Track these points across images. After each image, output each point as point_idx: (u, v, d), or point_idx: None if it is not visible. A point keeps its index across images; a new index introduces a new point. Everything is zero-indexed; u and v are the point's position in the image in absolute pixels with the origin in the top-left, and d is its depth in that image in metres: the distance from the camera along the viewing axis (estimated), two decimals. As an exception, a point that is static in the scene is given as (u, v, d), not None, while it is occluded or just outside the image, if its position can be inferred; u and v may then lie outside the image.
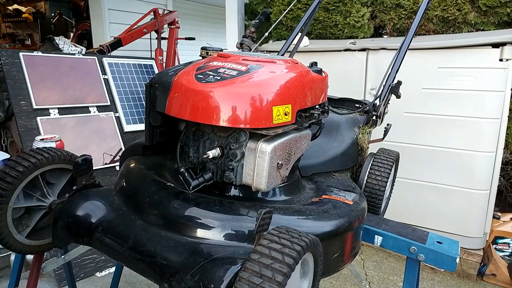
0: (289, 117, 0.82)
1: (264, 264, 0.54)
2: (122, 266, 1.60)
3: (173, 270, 0.70)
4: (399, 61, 1.40)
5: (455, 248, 1.02)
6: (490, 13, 2.62)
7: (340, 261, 0.89)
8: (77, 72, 2.51)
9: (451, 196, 2.49)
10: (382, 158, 1.20)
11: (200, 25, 7.04)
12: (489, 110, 2.31)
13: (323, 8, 3.11)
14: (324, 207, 0.89)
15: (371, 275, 2.45)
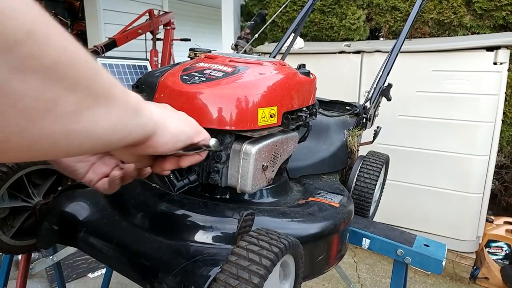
0: (275, 119, 0.82)
1: (241, 266, 0.54)
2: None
3: (155, 271, 0.70)
4: (390, 64, 1.40)
5: (441, 251, 1.02)
6: (486, 16, 2.63)
7: (325, 263, 0.89)
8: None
9: (444, 200, 2.50)
10: (371, 161, 1.21)
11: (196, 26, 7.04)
12: (483, 114, 2.32)
13: (319, 10, 3.11)
14: (309, 209, 0.89)
15: (363, 278, 2.46)
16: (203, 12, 7.33)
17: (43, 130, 0.31)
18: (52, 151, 0.34)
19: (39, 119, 0.30)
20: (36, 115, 0.29)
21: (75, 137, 0.34)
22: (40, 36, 0.28)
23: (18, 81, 0.27)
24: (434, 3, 2.75)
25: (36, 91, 0.28)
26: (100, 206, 0.86)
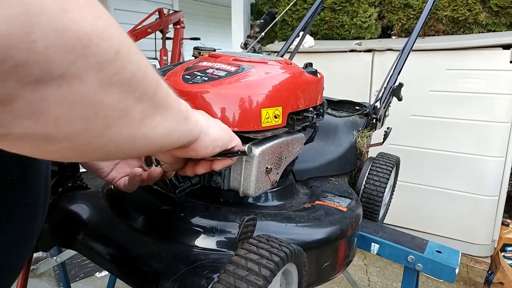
0: (280, 120, 0.79)
1: (239, 276, 0.51)
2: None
3: (154, 276, 0.68)
4: (401, 63, 1.36)
5: (455, 258, 0.98)
6: (502, 13, 2.56)
7: (331, 270, 0.86)
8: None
9: (458, 202, 2.44)
10: (381, 163, 1.17)
11: (207, 25, 7.04)
12: (499, 114, 2.25)
13: (330, 9, 3.07)
14: (315, 214, 0.86)
15: (374, 281, 2.41)
16: (213, 11, 7.31)
17: (114, 135, 0.35)
18: (116, 153, 0.39)
19: (112, 126, 0.34)
20: (111, 122, 0.34)
21: (137, 141, 0.39)
22: (124, 55, 0.32)
23: (103, 94, 0.31)
24: (449, 0, 2.69)
25: (114, 102, 0.33)
26: (100, 208, 0.84)
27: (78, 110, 0.30)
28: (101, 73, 0.30)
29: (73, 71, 0.28)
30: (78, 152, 0.34)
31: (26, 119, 0.28)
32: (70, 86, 0.28)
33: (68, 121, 0.30)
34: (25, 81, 0.26)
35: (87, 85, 0.29)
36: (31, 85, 0.26)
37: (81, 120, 0.31)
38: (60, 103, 0.28)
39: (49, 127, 0.29)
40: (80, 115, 0.30)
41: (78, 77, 0.28)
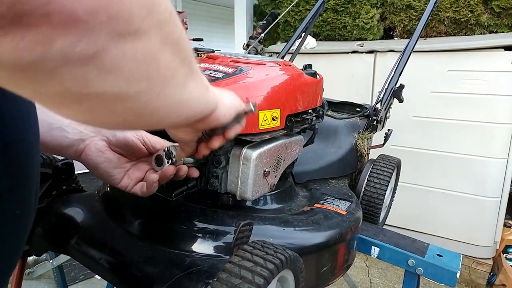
0: (278, 122, 0.78)
1: (232, 284, 0.50)
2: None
3: (148, 282, 0.66)
4: (402, 64, 1.35)
5: (456, 262, 0.97)
6: (504, 15, 2.55)
7: (330, 274, 0.84)
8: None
9: (460, 203, 2.42)
10: (381, 165, 1.15)
11: (210, 26, 7.03)
12: (500, 115, 2.23)
13: (332, 10, 3.06)
14: (314, 217, 0.84)
15: (376, 283, 2.40)
16: (216, 12, 7.31)
17: (166, 97, 0.37)
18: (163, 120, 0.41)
19: (166, 86, 0.36)
20: (165, 82, 0.36)
21: (180, 106, 0.41)
22: (173, 18, 0.34)
23: (161, 52, 0.33)
24: (451, 1, 2.67)
25: (167, 61, 0.34)
26: (95, 211, 0.83)
27: (145, 66, 0.32)
28: (161, 31, 0.32)
29: (144, 26, 0.30)
30: (136, 115, 0.36)
31: (108, 75, 0.29)
32: (140, 42, 0.30)
33: (137, 78, 0.32)
34: (113, 34, 0.27)
35: (151, 42, 0.31)
36: (116, 39, 0.27)
37: (146, 77, 0.33)
38: (134, 59, 0.30)
39: (124, 84, 0.31)
40: (146, 72, 0.32)
41: (146, 33, 0.30)
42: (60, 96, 0.29)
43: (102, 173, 0.70)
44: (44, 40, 0.23)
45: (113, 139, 0.70)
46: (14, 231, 0.49)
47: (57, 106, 0.31)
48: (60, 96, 0.29)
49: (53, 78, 0.26)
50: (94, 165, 0.69)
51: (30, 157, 0.48)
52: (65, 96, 0.29)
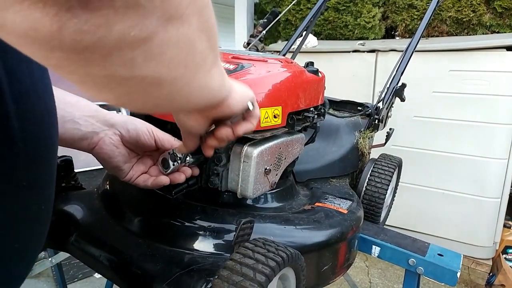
0: (279, 120, 0.78)
1: (233, 281, 0.50)
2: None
3: (148, 279, 0.66)
4: (404, 63, 1.34)
5: (456, 261, 0.96)
6: (506, 15, 2.54)
7: (331, 273, 0.84)
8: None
9: (460, 204, 2.42)
10: (383, 164, 1.15)
11: (210, 24, 7.00)
12: (502, 115, 2.23)
13: (333, 9, 3.05)
14: (315, 216, 0.84)
15: (375, 283, 2.39)
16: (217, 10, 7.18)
17: (196, 82, 0.38)
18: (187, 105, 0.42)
19: (197, 72, 0.37)
20: (197, 68, 0.36)
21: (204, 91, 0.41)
22: (210, 4, 0.35)
23: (198, 39, 0.34)
24: (453, 1, 2.66)
25: (201, 48, 0.35)
26: (94, 209, 0.82)
27: (183, 53, 0.32)
28: (200, 18, 0.33)
29: (187, 12, 0.30)
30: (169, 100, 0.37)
31: (153, 60, 0.30)
32: (183, 27, 0.30)
33: (176, 64, 0.32)
34: (163, 18, 0.28)
35: (191, 29, 0.32)
36: (165, 24, 0.28)
37: (183, 63, 0.33)
38: (176, 45, 0.31)
39: (164, 70, 0.32)
40: (183, 58, 0.33)
41: (188, 20, 0.31)
42: (105, 79, 0.29)
43: (114, 167, 0.70)
44: (105, 23, 0.24)
45: (126, 135, 0.70)
46: (39, 224, 0.50)
47: (99, 90, 0.31)
48: (105, 79, 0.29)
49: (105, 61, 0.27)
50: (108, 158, 0.69)
51: (52, 152, 0.49)
52: (109, 79, 0.29)
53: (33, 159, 0.44)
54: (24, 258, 0.49)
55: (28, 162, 0.43)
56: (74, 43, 0.24)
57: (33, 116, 0.43)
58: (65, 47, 0.24)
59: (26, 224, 0.47)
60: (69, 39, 0.24)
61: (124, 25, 0.25)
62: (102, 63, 0.27)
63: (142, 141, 0.71)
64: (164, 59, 0.31)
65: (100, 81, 0.30)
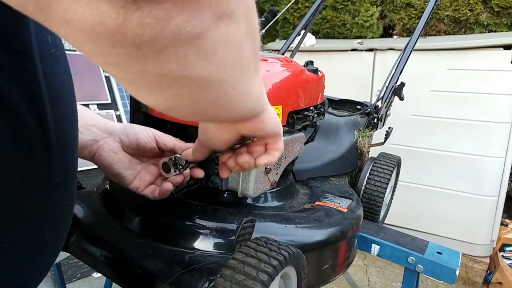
0: (279, 119, 0.78)
1: (236, 280, 0.50)
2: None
3: (149, 279, 0.66)
4: (403, 62, 1.35)
5: (455, 259, 0.97)
6: (503, 14, 2.55)
7: (331, 271, 0.84)
8: (78, 69, 2.48)
9: (458, 202, 2.43)
10: (382, 163, 1.15)
11: (208, 23, 6.99)
12: (499, 114, 2.24)
13: (331, 7, 3.05)
14: (315, 215, 0.84)
15: (374, 281, 2.40)
16: (215, 9, 7.28)
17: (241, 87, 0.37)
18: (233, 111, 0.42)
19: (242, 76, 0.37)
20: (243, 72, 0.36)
21: (248, 98, 0.41)
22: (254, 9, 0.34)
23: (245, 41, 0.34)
24: (450, 0, 2.67)
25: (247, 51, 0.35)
26: (95, 208, 0.82)
27: (231, 53, 0.33)
28: (247, 20, 0.33)
29: (237, 12, 0.30)
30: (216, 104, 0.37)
31: (204, 59, 0.30)
32: (232, 27, 0.31)
33: (224, 64, 0.32)
34: (216, 15, 0.28)
35: (240, 29, 0.32)
36: (216, 21, 0.28)
37: (231, 64, 0.33)
38: (225, 44, 0.31)
39: (213, 70, 0.32)
40: (232, 59, 0.33)
41: (237, 19, 0.31)
42: (158, 78, 0.30)
43: (115, 174, 0.71)
44: (165, 17, 0.25)
45: (126, 140, 0.70)
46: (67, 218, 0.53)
47: (150, 91, 0.32)
48: (157, 79, 0.30)
49: (160, 57, 0.28)
50: (108, 165, 0.70)
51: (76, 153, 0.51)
52: (162, 78, 0.30)
53: (64, 158, 0.46)
54: (54, 249, 0.52)
55: (60, 160, 0.45)
56: (136, 36, 0.25)
57: (64, 119, 0.45)
58: (126, 41, 0.25)
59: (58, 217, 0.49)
60: (131, 33, 0.24)
61: (181, 19, 0.26)
62: (157, 59, 0.28)
63: (142, 144, 0.71)
64: (214, 58, 0.31)
65: (153, 81, 0.30)
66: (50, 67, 0.41)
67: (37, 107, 0.40)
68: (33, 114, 0.39)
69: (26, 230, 0.44)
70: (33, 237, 0.46)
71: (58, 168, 0.45)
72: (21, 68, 0.38)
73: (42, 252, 0.49)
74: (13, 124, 0.38)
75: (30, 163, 0.41)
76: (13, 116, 0.37)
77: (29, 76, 0.39)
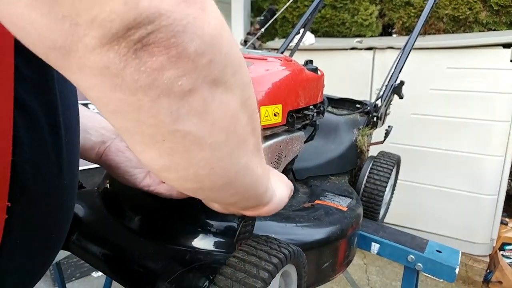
0: (279, 118, 0.78)
1: (237, 278, 0.50)
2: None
3: (150, 277, 0.66)
4: (402, 61, 1.35)
5: (455, 258, 0.97)
6: (502, 12, 2.55)
7: (331, 270, 0.84)
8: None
9: (457, 201, 2.43)
10: (382, 162, 1.15)
11: (207, 22, 6.99)
12: (498, 113, 2.24)
13: (330, 6, 3.05)
14: (315, 214, 0.84)
15: (373, 280, 2.41)
16: (214, 8, 7.28)
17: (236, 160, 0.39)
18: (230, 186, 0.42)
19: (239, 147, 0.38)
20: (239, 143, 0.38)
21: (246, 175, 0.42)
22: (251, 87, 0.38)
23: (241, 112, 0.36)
24: (449, -2, 2.67)
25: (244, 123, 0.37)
26: (95, 208, 0.83)
27: (227, 120, 0.35)
28: (243, 93, 0.35)
29: (231, 81, 0.33)
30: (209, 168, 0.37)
31: (196, 117, 0.32)
32: (227, 95, 0.33)
33: (218, 128, 0.34)
34: (208, 78, 0.31)
35: (235, 99, 0.35)
36: (209, 84, 0.31)
37: (226, 131, 0.35)
38: (218, 108, 0.33)
39: (205, 130, 0.33)
40: (226, 125, 0.35)
41: (232, 89, 0.34)
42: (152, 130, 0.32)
43: (123, 173, 0.71)
44: (159, 68, 0.28)
45: None
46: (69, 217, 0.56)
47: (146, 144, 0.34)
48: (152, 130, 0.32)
49: (154, 107, 0.30)
50: (115, 164, 0.71)
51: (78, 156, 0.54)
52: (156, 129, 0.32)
53: (71, 161, 0.48)
54: (56, 247, 0.56)
55: (69, 164, 0.48)
56: (132, 81, 0.28)
57: (72, 126, 0.48)
58: (125, 85, 0.28)
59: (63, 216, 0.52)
60: (129, 77, 0.28)
61: (173, 73, 0.28)
62: (151, 109, 0.30)
63: None
64: (207, 119, 0.33)
65: (148, 132, 0.32)
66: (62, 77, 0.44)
67: (52, 115, 0.43)
68: (49, 122, 0.42)
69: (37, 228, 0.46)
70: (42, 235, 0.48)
71: (66, 171, 0.48)
72: (40, 79, 0.40)
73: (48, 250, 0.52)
74: (32, 132, 0.40)
75: (45, 166, 0.43)
76: (33, 124, 0.40)
77: (47, 86, 0.41)
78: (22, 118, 0.39)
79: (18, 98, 0.38)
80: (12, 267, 0.45)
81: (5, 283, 0.45)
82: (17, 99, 0.37)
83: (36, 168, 0.42)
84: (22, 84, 0.38)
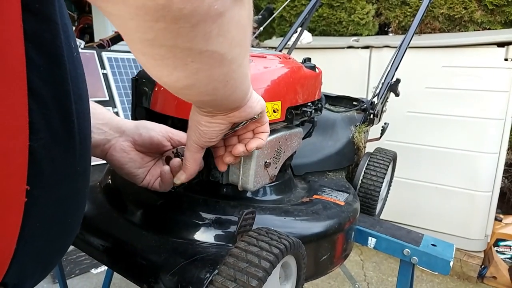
0: (278, 115, 0.80)
1: (239, 268, 0.52)
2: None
3: (153, 270, 0.68)
4: (398, 59, 1.37)
5: (449, 251, 0.99)
6: (497, 12, 2.58)
7: (329, 263, 0.86)
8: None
9: (452, 198, 2.46)
10: (378, 158, 1.17)
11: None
12: (493, 111, 2.27)
13: (327, 5, 3.07)
14: (313, 208, 0.86)
15: (370, 276, 2.43)
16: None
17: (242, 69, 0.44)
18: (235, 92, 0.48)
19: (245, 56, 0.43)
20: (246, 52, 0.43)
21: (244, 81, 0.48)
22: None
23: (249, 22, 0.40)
24: (445, -3, 2.70)
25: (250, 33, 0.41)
26: (98, 202, 0.84)
27: (240, 34, 0.38)
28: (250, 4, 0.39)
29: None
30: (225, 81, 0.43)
31: (221, 36, 0.35)
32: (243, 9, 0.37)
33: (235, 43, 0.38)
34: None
35: (246, 11, 0.38)
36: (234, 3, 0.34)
37: (239, 44, 0.39)
38: (237, 25, 0.37)
39: (227, 46, 0.37)
40: (241, 38, 0.39)
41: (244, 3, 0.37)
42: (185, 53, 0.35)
43: (127, 173, 0.73)
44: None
45: (139, 139, 0.72)
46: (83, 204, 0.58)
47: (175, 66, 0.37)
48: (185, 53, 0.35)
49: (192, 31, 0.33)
50: (119, 165, 0.72)
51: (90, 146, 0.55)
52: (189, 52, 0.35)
53: (83, 150, 0.50)
54: (73, 232, 0.57)
55: (82, 152, 0.49)
56: (178, 11, 0.30)
57: (84, 115, 0.49)
58: (169, 15, 0.31)
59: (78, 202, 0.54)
60: (175, 7, 0.30)
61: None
62: (189, 33, 0.33)
63: (155, 142, 0.72)
64: (229, 36, 0.37)
65: (181, 55, 0.35)
66: (74, 68, 0.45)
67: (65, 103, 0.44)
68: (62, 110, 0.44)
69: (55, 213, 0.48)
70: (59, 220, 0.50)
71: (79, 159, 0.49)
72: (54, 69, 0.42)
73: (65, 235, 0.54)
74: (47, 119, 0.41)
75: (60, 152, 0.45)
76: (48, 111, 0.41)
77: (60, 76, 0.43)
78: (36, 105, 0.40)
79: (31, 86, 0.39)
80: (32, 251, 0.46)
81: (25, 268, 0.46)
82: (30, 87, 0.39)
83: (51, 155, 0.43)
84: (34, 73, 0.39)
